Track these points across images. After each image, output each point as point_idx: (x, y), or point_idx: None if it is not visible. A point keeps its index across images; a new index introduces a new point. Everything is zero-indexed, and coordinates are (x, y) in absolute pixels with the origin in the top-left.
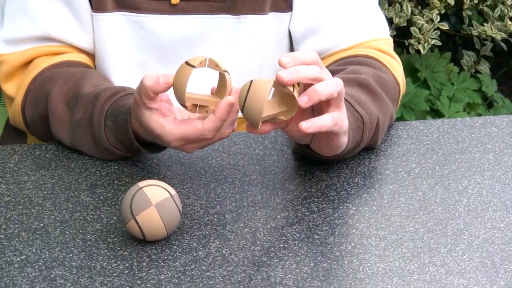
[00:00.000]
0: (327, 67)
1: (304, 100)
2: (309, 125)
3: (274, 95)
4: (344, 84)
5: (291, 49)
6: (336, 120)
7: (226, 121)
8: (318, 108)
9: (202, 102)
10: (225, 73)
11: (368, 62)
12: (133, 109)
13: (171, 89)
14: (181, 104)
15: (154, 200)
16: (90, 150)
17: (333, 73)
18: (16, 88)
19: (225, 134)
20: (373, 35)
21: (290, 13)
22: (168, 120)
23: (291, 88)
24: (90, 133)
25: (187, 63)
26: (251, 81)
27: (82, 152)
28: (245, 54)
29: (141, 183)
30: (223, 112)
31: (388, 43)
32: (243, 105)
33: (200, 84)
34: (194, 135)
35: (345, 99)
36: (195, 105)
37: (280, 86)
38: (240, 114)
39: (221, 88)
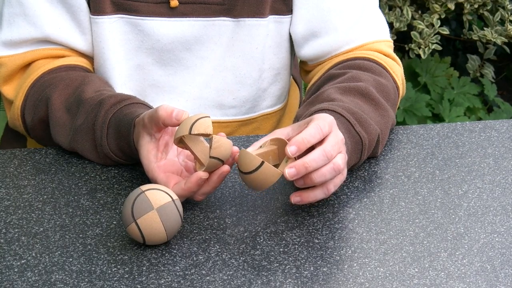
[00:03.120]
0: (328, 70)
1: (299, 184)
2: (299, 199)
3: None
4: (345, 94)
5: (291, 52)
6: (330, 190)
7: (198, 192)
8: None
9: (193, 154)
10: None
11: (368, 66)
12: (138, 125)
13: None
14: (174, 139)
15: (156, 204)
16: (89, 155)
17: (334, 77)
18: (15, 91)
19: (197, 199)
20: (374, 37)
21: (290, 16)
22: (156, 158)
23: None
24: (91, 139)
25: (190, 131)
26: (262, 163)
27: (82, 157)
28: (245, 58)
29: (143, 187)
30: (192, 184)
31: (388, 45)
32: (244, 175)
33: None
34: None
35: (346, 118)
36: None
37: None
38: (240, 117)
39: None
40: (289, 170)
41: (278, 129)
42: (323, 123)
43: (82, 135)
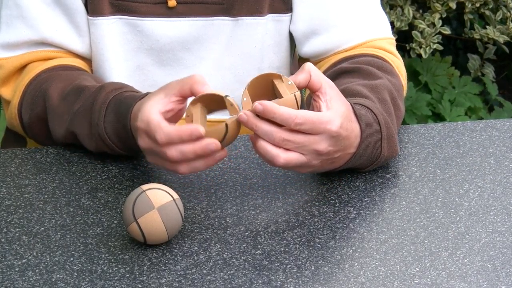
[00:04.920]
0: (334, 65)
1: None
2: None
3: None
4: (373, 92)
5: (291, 51)
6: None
7: (191, 162)
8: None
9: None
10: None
11: (378, 64)
12: (155, 90)
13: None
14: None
15: (157, 204)
16: (85, 138)
17: (347, 71)
18: (12, 91)
19: (181, 168)
20: (376, 34)
21: (290, 14)
22: (161, 108)
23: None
24: (88, 122)
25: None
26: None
27: (83, 156)
28: (244, 57)
29: (144, 186)
30: (186, 132)
31: (391, 43)
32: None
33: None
34: (153, 125)
35: (380, 128)
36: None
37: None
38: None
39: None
40: (242, 114)
41: (314, 68)
42: (308, 121)
43: (79, 118)
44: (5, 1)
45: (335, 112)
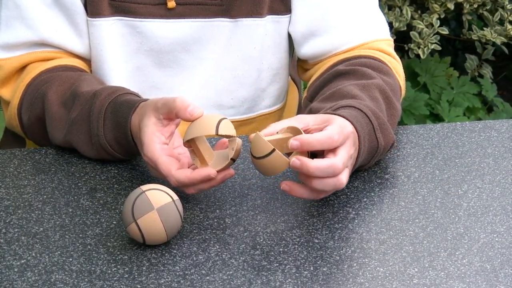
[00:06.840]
0: (332, 67)
1: (301, 178)
2: (287, 189)
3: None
4: (364, 90)
5: (290, 51)
6: (319, 197)
7: (196, 186)
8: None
9: (199, 154)
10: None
11: (374, 65)
12: (147, 107)
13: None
14: (186, 138)
15: (156, 205)
16: (84, 147)
17: (342, 73)
18: (12, 92)
19: (189, 191)
20: (374, 36)
21: (289, 15)
22: (160, 140)
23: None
24: (86, 131)
25: (217, 131)
26: (273, 150)
27: (82, 157)
28: (243, 58)
29: (144, 187)
30: (199, 177)
31: (389, 44)
32: (254, 159)
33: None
34: (163, 170)
35: (370, 121)
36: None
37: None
38: (238, 117)
39: (222, 158)
40: (294, 160)
41: (301, 115)
42: (338, 133)
43: (77, 127)
44: (5, 1)
45: (339, 118)
